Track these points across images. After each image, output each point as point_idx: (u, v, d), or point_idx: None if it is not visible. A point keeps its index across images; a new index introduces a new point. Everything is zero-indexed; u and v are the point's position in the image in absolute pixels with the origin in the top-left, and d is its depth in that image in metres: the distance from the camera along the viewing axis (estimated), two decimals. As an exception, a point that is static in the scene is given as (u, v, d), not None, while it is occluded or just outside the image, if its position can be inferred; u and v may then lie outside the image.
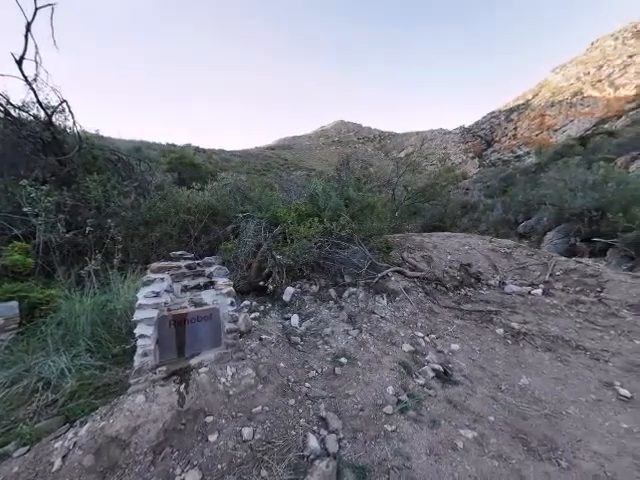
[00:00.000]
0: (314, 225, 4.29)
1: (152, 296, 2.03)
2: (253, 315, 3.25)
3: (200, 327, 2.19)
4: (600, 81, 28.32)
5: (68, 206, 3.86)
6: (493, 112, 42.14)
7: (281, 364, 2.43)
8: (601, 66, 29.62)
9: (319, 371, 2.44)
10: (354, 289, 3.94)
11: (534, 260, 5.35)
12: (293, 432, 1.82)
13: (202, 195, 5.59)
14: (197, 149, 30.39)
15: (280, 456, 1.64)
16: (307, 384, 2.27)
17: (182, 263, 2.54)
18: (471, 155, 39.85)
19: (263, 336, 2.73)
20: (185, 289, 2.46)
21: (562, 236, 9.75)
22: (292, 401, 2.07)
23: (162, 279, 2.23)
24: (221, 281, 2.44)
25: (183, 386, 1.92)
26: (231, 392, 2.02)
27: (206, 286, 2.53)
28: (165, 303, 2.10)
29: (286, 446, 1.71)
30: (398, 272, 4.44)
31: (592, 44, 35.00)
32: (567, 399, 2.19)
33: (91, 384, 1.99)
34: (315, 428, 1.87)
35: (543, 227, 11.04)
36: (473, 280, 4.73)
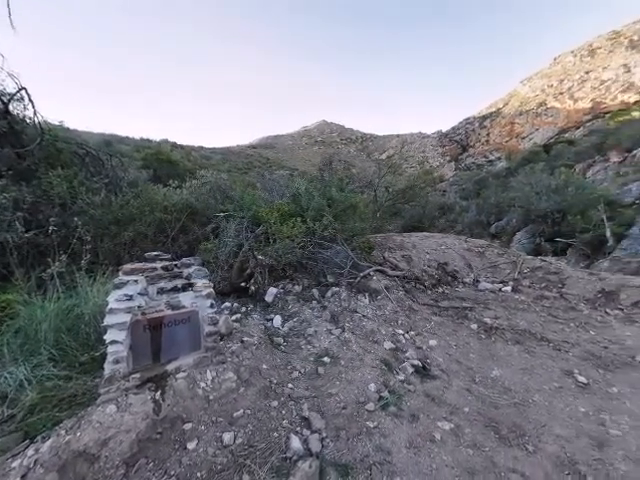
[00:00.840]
0: (297, 225, 4.28)
1: (124, 299, 1.92)
2: (234, 317, 3.18)
3: (178, 331, 2.10)
4: (561, 94, 30.79)
5: (28, 203, 3.54)
6: (468, 118, 44.32)
7: (263, 366, 2.39)
8: (562, 80, 32.21)
9: (302, 371, 2.44)
10: (337, 289, 3.97)
11: (504, 259, 5.70)
12: (276, 434, 1.80)
13: (180, 193, 5.37)
14: (175, 145, 29.12)
15: (262, 459, 1.62)
16: (290, 385, 2.25)
17: (158, 264, 2.43)
18: (448, 159, 41.66)
19: (245, 338, 2.67)
20: (161, 291, 2.35)
21: (529, 236, 10.48)
22: (275, 403, 2.04)
23: (136, 281, 2.11)
24: (200, 282, 2.36)
25: (159, 393, 1.84)
26: (211, 397, 1.95)
27: (184, 288, 2.43)
28: (139, 307, 1.99)
29: (268, 449, 1.69)
30: (380, 271, 4.54)
31: (555, 59, 37.91)
32: (533, 388, 2.35)
33: (55, 396, 1.84)
34: (298, 429, 1.86)
35: (512, 228, 11.79)
36: (450, 278, 4.94)
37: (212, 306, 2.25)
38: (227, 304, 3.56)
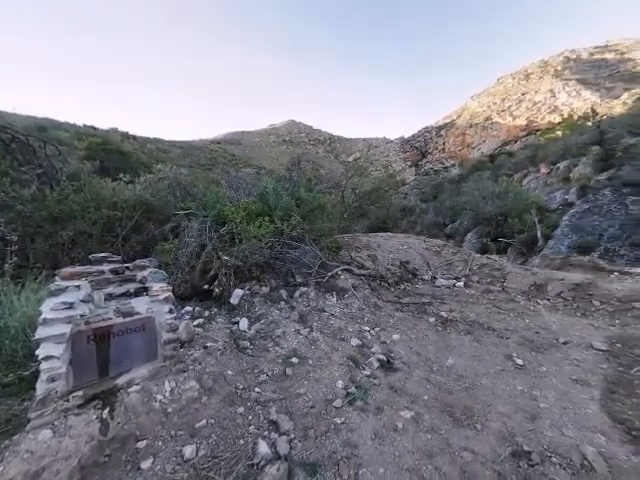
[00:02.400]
0: (264, 225, 4.18)
1: (63, 308, 1.68)
2: (196, 322, 2.99)
3: (130, 340, 1.91)
4: (503, 111, 34.91)
5: None
6: (427, 127, 47.80)
7: (229, 372, 2.29)
8: (504, 99, 36.55)
9: (270, 374, 2.39)
10: (305, 288, 3.98)
11: (458, 257, 6.27)
12: (242, 441, 1.73)
13: (133, 189, 4.88)
14: (126, 135, 26.32)
15: (227, 469, 1.55)
16: (257, 389, 2.19)
17: (106, 267, 2.18)
18: (409, 164, 44.42)
19: (208, 344, 2.53)
20: (110, 297, 2.11)
21: (477, 236, 11.68)
22: (241, 409, 1.97)
23: (77, 287, 1.87)
24: (157, 286, 2.17)
25: (107, 411, 1.65)
26: (170, 409, 1.81)
27: (138, 293, 2.22)
28: (82, 315, 1.76)
29: (234, 457, 1.62)
30: (347, 270, 4.66)
31: (498, 80, 42.84)
32: (481, 372, 2.63)
33: (-32, 427, 1.54)
34: (266, 433, 1.82)
35: (464, 229, 13.02)
36: (411, 276, 5.28)
37: (171, 311, 2.09)
38: (188, 308, 3.34)
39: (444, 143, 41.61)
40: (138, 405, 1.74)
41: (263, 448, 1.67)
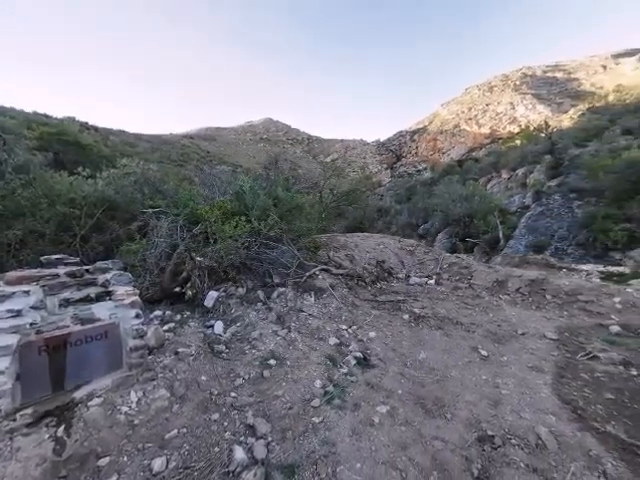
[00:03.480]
0: (241, 224, 4.07)
1: (8, 316, 1.50)
2: (167, 326, 2.83)
3: (90, 349, 1.75)
4: (470, 119, 37.43)
5: None
6: (401, 131, 49.70)
7: (202, 377, 2.20)
8: (470, 108, 39.19)
9: (246, 377, 2.33)
10: (283, 289, 3.94)
11: (429, 256, 6.59)
12: (217, 449, 1.67)
13: (94, 184, 4.48)
14: (85, 126, 24.07)
15: (201, 479, 1.48)
16: (233, 394, 2.13)
17: (61, 270, 1.98)
18: (385, 166, 45.86)
19: (180, 349, 2.41)
20: (67, 303, 1.92)
21: (447, 237, 12.38)
22: (216, 415, 1.90)
23: (26, 292, 1.68)
24: (122, 290, 2.02)
25: (62, 428, 1.50)
26: (137, 421, 1.69)
27: (100, 297, 2.04)
28: (32, 324, 1.59)
29: (208, 467, 1.56)
30: (325, 270, 4.69)
31: (466, 90, 45.83)
32: (450, 365, 2.79)
33: None
34: (242, 438, 1.77)
35: (435, 229, 13.73)
36: (386, 275, 5.45)
37: (138, 316, 1.96)
38: (158, 313, 3.15)
39: (417, 147, 43.55)
40: (100, 419, 1.61)
41: (239, 454, 1.62)
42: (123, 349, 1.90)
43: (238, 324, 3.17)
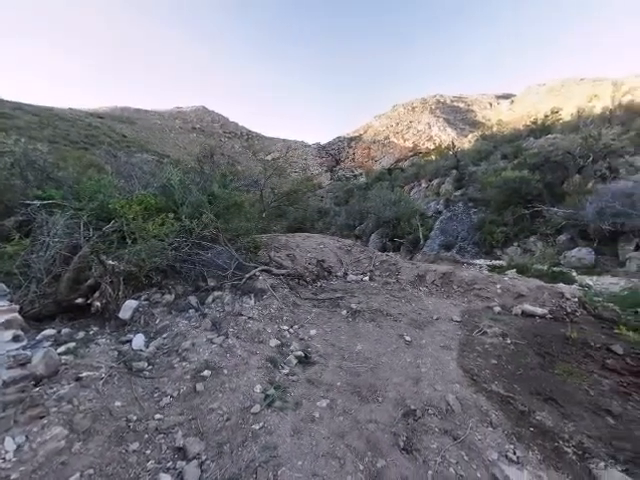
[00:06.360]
0: (168, 222, 3.60)
1: None
2: (64, 348, 2.29)
3: None
4: (397, 133, 42.47)
5: None
6: (340, 137, 52.56)
7: (116, 403, 1.86)
8: (397, 123, 44.50)
9: (175, 395, 2.08)
10: (219, 293, 3.66)
11: (364, 255, 7.16)
12: (136, 484, 1.44)
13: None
14: None
15: (114, 525, 1.25)
16: (158, 415, 1.87)
17: None
18: (325, 169, 47.66)
19: (83, 373, 1.98)
20: None
21: (379, 237, 13.69)
22: (135, 445, 1.63)
23: None
24: (-10, 306, 1.53)
25: None
26: (16, 475, 1.31)
27: (-51, 319, 1.50)
28: None
29: (125, 507, 1.33)
30: (266, 271, 4.57)
31: (393, 106, 51.67)
32: (382, 352, 3.09)
33: None
34: (170, 464, 1.57)
35: (369, 230, 15.00)
36: (326, 273, 5.67)
37: (16, 339, 1.52)
38: (50, 332, 2.51)
39: (354, 154, 46.82)
40: (-50, 485, 1.18)
41: (166, 483, 1.44)
42: (-8, 384, 1.45)
43: (164, 335, 2.80)
